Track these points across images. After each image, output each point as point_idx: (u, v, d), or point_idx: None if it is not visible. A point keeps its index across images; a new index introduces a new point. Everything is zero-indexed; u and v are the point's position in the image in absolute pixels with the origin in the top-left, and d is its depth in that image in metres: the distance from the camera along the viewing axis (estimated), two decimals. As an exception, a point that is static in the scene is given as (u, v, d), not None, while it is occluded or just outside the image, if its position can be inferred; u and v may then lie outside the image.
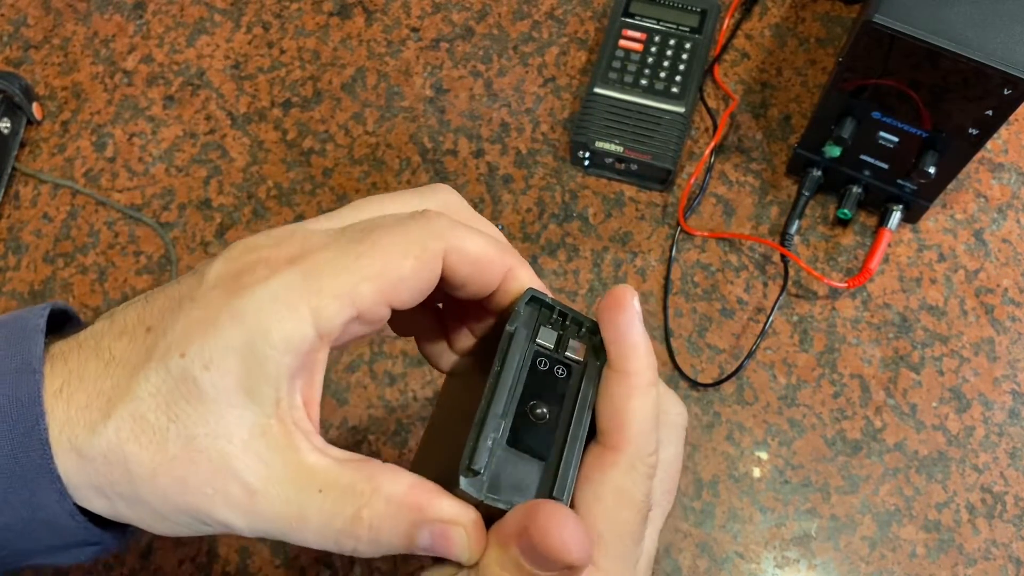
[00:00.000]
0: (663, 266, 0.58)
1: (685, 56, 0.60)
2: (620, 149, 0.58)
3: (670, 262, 0.57)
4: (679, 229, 0.58)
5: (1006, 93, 0.45)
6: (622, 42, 0.61)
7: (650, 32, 0.61)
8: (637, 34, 0.61)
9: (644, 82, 0.59)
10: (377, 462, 0.27)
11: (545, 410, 0.28)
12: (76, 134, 0.63)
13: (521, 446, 0.28)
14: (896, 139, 0.52)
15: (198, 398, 0.25)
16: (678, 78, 0.59)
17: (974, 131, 0.49)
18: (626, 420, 0.28)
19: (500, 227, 0.49)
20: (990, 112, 0.47)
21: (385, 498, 0.26)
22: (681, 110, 0.58)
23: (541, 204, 0.60)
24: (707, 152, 0.59)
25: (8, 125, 0.61)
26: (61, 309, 0.30)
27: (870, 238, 0.58)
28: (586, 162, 0.60)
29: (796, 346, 0.55)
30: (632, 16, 0.61)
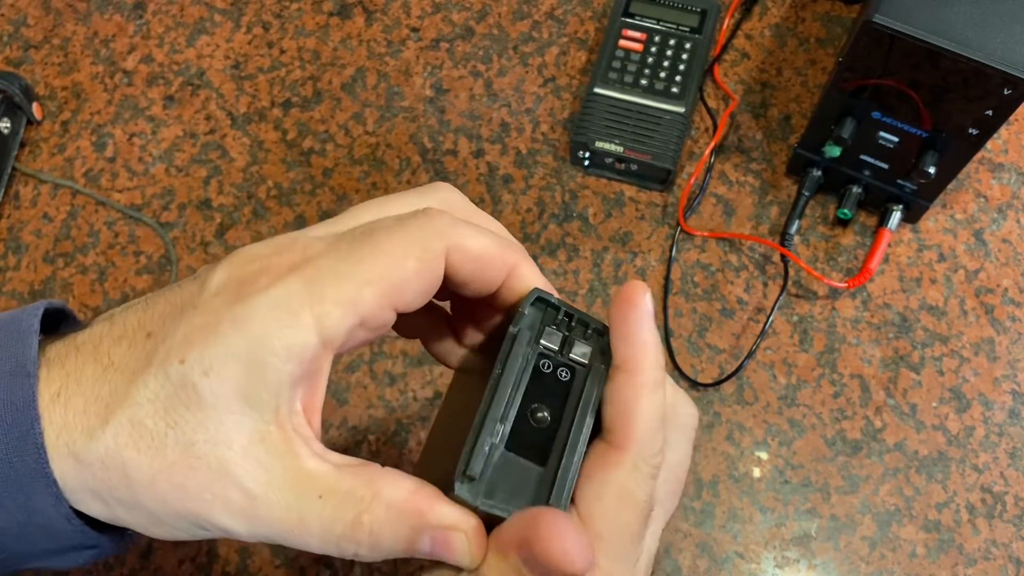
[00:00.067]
0: (663, 266, 0.58)
1: (685, 56, 0.60)
2: (620, 149, 0.58)
3: (670, 262, 0.57)
4: (679, 229, 0.58)
5: (1006, 93, 0.45)
6: (622, 42, 0.61)
7: (650, 32, 0.61)
8: (637, 34, 0.61)
9: (644, 82, 0.59)
10: (377, 467, 0.27)
11: (546, 414, 0.28)
12: (76, 134, 0.63)
13: (520, 450, 0.28)
14: (896, 139, 0.52)
15: (197, 404, 0.25)
16: (678, 78, 0.59)
17: (974, 131, 0.49)
18: (632, 419, 0.28)
19: None
20: (990, 112, 0.47)
21: (386, 503, 0.26)
22: (681, 110, 0.58)
23: (541, 204, 0.60)
24: (707, 152, 0.59)
25: (8, 125, 0.61)
26: (56, 308, 0.30)
27: (870, 238, 0.58)
28: (586, 162, 0.60)
29: (796, 346, 0.55)
30: (632, 16, 0.61)
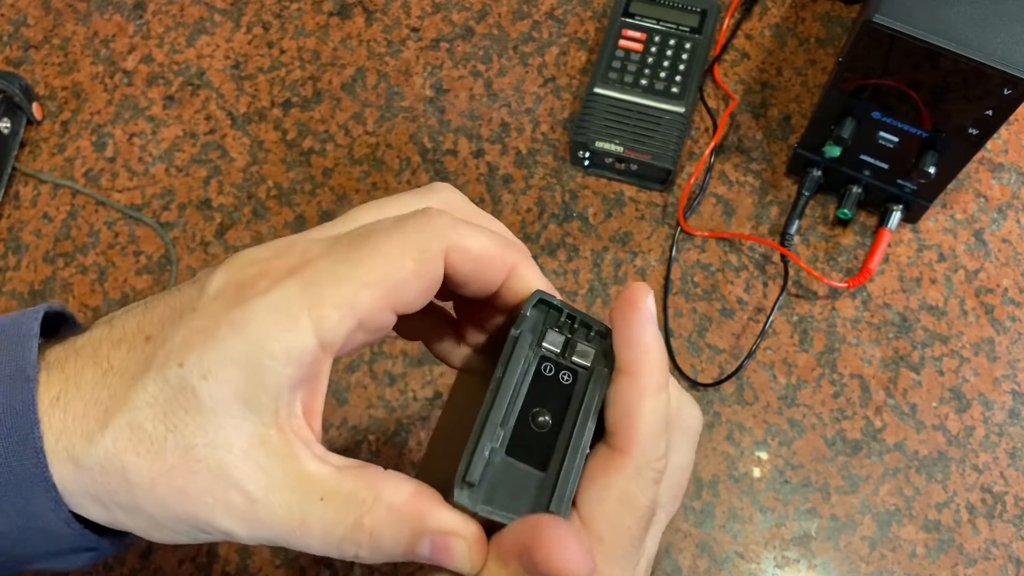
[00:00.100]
0: (663, 266, 0.58)
1: (685, 56, 0.60)
2: (620, 149, 0.58)
3: (670, 262, 0.57)
4: (679, 229, 0.58)
5: (1006, 93, 0.45)
6: (622, 42, 0.61)
7: (650, 32, 0.61)
8: (637, 34, 0.61)
9: (644, 82, 0.59)
10: (379, 469, 0.27)
11: (548, 418, 0.28)
12: (76, 134, 0.63)
13: (521, 455, 0.27)
14: (896, 139, 0.52)
15: (196, 408, 0.25)
16: (678, 78, 0.59)
17: (974, 131, 0.49)
18: (635, 423, 0.27)
19: None
20: (990, 112, 0.47)
21: (387, 506, 0.26)
22: (681, 110, 0.58)
23: (541, 204, 0.60)
24: (707, 152, 0.59)
25: (8, 125, 0.61)
26: (56, 311, 0.30)
27: (870, 238, 0.58)
28: (586, 162, 0.60)
29: (796, 346, 0.55)
30: (632, 16, 0.61)
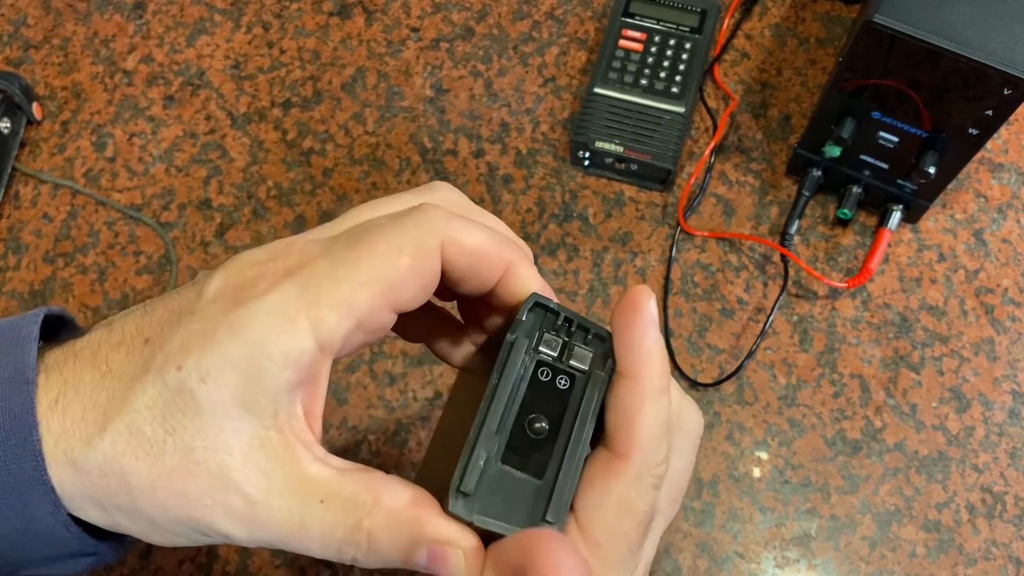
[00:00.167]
0: (663, 266, 0.58)
1: (685, 56, 0.60)
2: (620, 149, 0.58)
3: (670, 262, 0.57)
4: (679, 229, 0.58)
5: (1006, 93, 0.45)
6: (622, 42, 0.61)
7: (650, 32, 0.61)
8: (637, 34, 0.61)
9: (644, 82, 0.59)
10: (379, 473, 0.27)
11: (545, 424, 0.28)
12: (76, 134, 0.63)
13: (517, 463, 0.27)
14: (896, 139, 0.52)
15: (195, 411, 0.25)
16: (678, 78, 0.59)
17: (974, 131, 0.49)
18: (635, 428, 0.27)
19: None
20: (990, 112, 0.47)
21: (386, 511, 0.26)
22: (681, 110, 0.58)
23: (541, 204, 0.60)
24: (707, 152, 0.59)
25: (8, 125, 0.61)
26: (56, 315, 0.29)
27: (870, 238, 0.58)
28: (586, 162, 0.60)
29: (796, 346, 0.55)
30: (632, 16, 0.61)
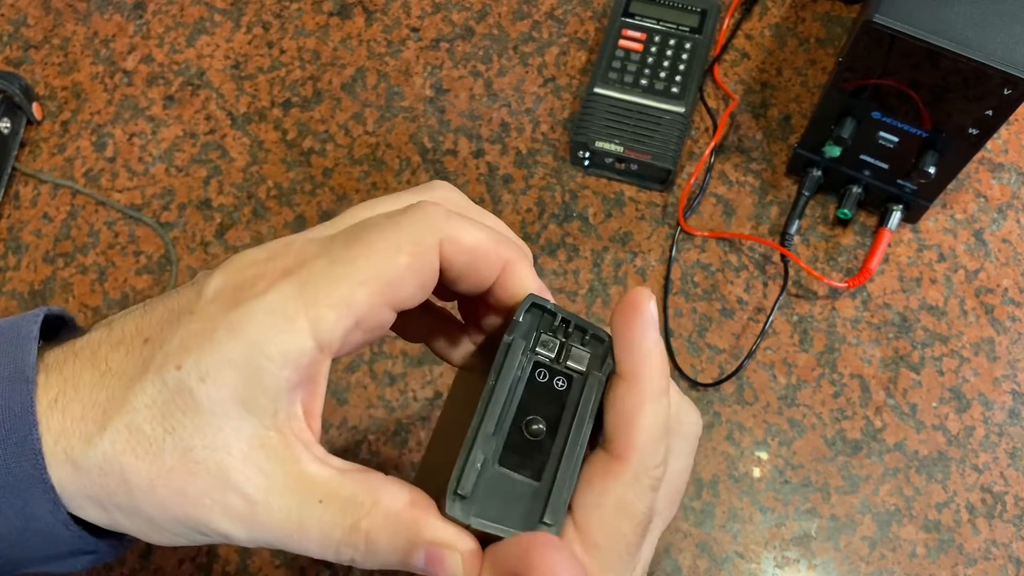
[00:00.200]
0: (663, 266, 0.58)
1: (685, 56, 0.60)
2: (620, 149, 0.58)
3: (670, 262, 0.57)
4: (679, 229, 0.58)
5: (1006, 93, 0.45)
6: (622, 42, 0.61)
7: (650, 32, 0.61)
8: (637, 34, 0.61)
9: (644, 82, 0.59)
10: (378, 474, 0.27)
11: (542, 425, 0.28)
12: (76, 134, 0.63)
13: (514, 465, 0.27)
14: (896, 139, 0.52)
15: (194, 410, 0.25)
16: (678, 78, 0.59)
17: (974, 131, 0.49)
18: (634, 429, 0.27)
19: None
20: (990, 112, 0.47)
21: (384, 512, 0.26)
22: (681, 110, 0.58)
23: (541, 204, 0.60)
24: (707, 152, 0.59)
25: (8, 125, 0.61)
26: (56, 315, 0.29)
27: (870, 238, 0.58)
28: (586, 162, 0.60)
29: (796, 346, 0.55)
30: (632, 16, 0.61)
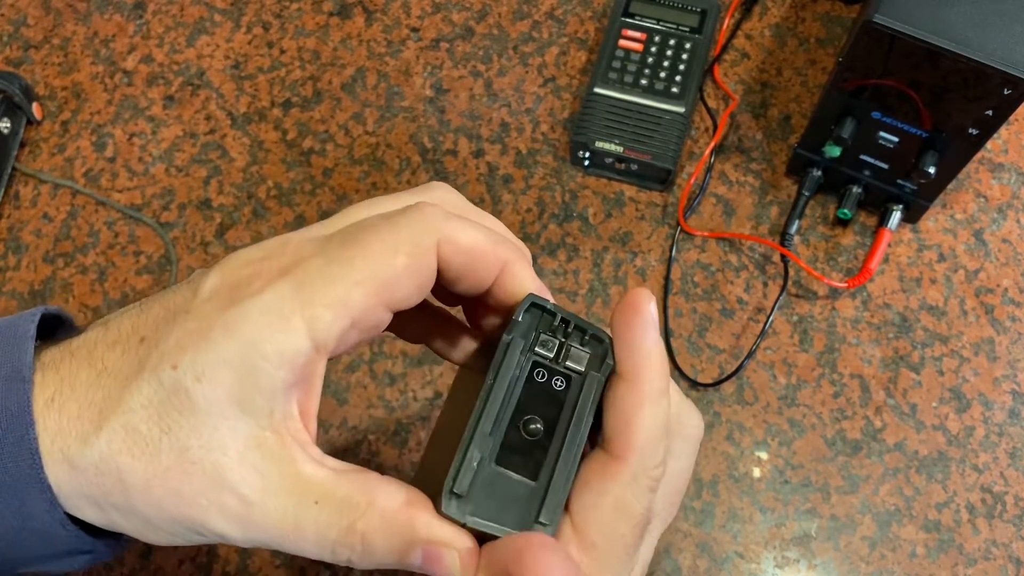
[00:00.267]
0: (663, 266, 0.58)
1: (685, 56, 0.60)
2: (620, 149, 0.58)
3: (670, 262, 0.57)
4: (679, 229, 0.58)
5: (1006, 93, 0.45)
6: (622, 42, 0.61)
7: (650, 32, 0.61)
8: (637, 34, 0.61)
9: (644, 82, 0.59)
10: (374, 474, 0.27)
11: (539, 425, 0.28)
12: (76, 134, 0.63)
13: (511, 464, 0.27)
14: (896, 139, 0.52)
15: (190, 410, 0.25)
16: (678, 78, 0.59)
17: (974, 131, 0.49)
18: (633, 429, 0.27)
19: None
20: (990, 112, 0.47)
21: (380, 512, 0.26)
22: (681, 110, 0.58)
23: (541, 204, 0.60)
24: (707, 152, 0.59)
25: (8, 125, 0.61)
26: (53, 314, 0.29)
27: (870, 238, 0.58)
28: (586, 162, 0.60)
29: (796, 346, 0.55)
30: (632, 16, 0.61)
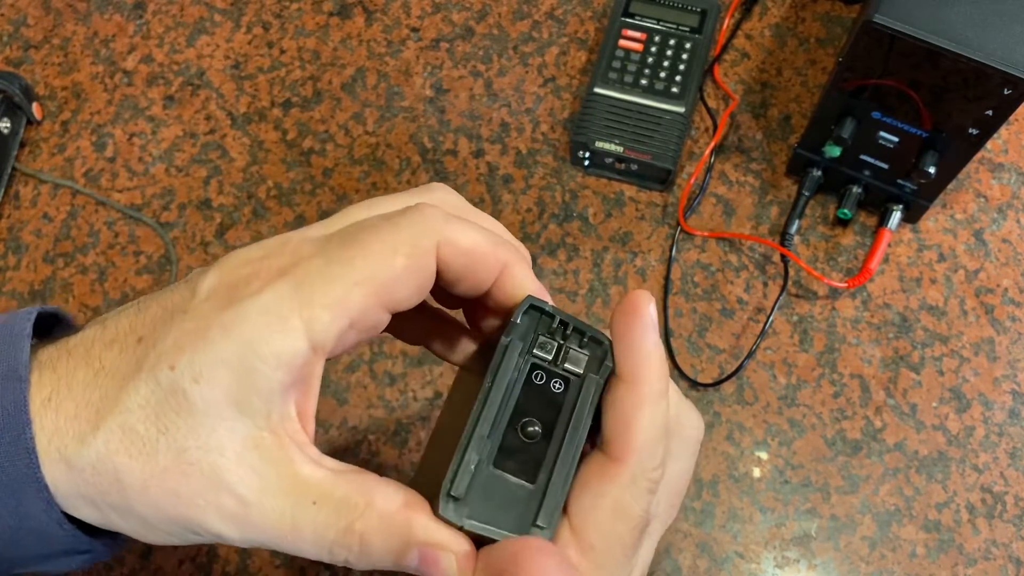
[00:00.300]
0: (663, 266, 0.58)
1: (685, 56, 0.60)
2: (620, 149, 0.58)
3: (670, 262, 0.57)
4: (679, 229, 0.58)
5: (1006, 93, 0.45)
6: (622, 42, 0.61)
7: (650, 32, 0.61)
8: (637, 34, 0.61)
9: (644, 82, 0.59)
10: (373, 475, 0.27)
11: (538, 428, 0.28)
12: (76, 134, 0.63)
13: (509, 467, 0.27)
14: (896, 139, 0.52)
15: (188, 411, 0.25)
16: (678, 78, 0.59)
17: (974, 131, 0.49)
18: (632, 431, 0.27)
19: None
20: (990, 112, 0.47)
21: (378, 513, 0.26)
22: (681, 110, 0.58)
23: (541, 204, 0.60)
24: (707, 152, 0.59)
25: (8, 125, 0.61)
26: (50, 312, 0.29)
27: (870, 238, 0.58)
28: (586, 162, 0.60)
29: (796, 346, 0.55)
30: (632, 16, 0.61)
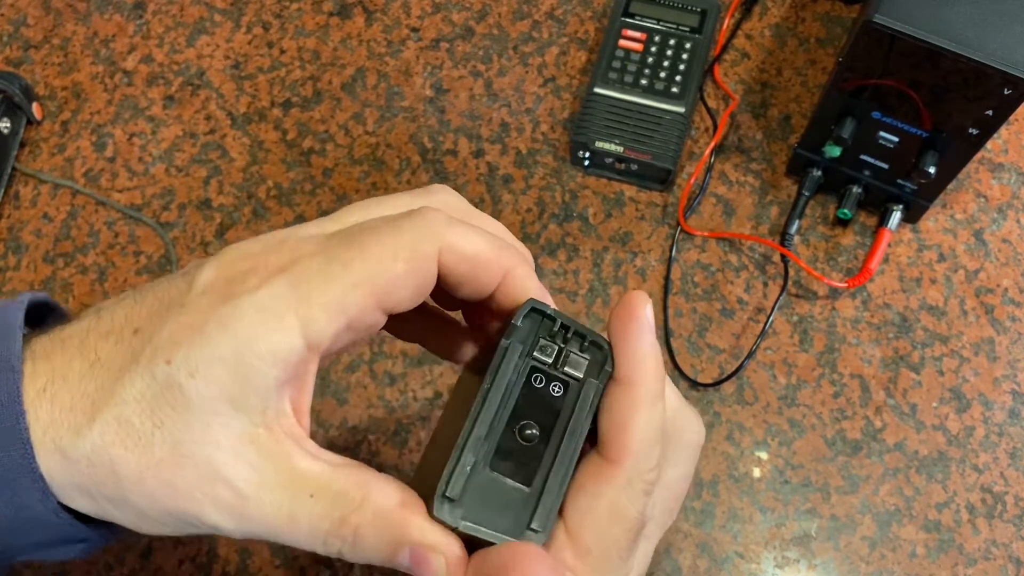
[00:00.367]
0: (663, 266, 0.58)
1: (685, 56, 0.60)
2: (620, 149, 0.58)
3: (670, 262, 0.57)
4: (679, 229, 0.58)
5: (1006, 93, 0.45)
6: (622, 42, 0.61)
7: (650, 32, 0.61)
8: (637, 34, 0.61)
9: (644, 82, 0.59)
10: (371, 471, 0.27)
11: (535, 431, 0.28)
12: (76, 134, 0.63)
13: (505, 470, 0.27)
14: (896, 139, 0.52)
15: (183, 406, 0.25)
16: (678, 78, 0.59)
17: (974, 131, 0.49)
18: (628, 433, 0.27)
19: None
20: (990, 112, 0.47)
21: (373, 509, 0.26)
22: (681, 110, 0.58)
23: (541, 204, 0.60)
24: (707, 152, 0.59)
25: (8, 125, 0.61)
26: (41, 301, 0.29)
27: (870, 238, 0.58)
28: (586, 162, 0.60)
29: (796, 346, 0.55)
30: (632, 16, 0.61)
